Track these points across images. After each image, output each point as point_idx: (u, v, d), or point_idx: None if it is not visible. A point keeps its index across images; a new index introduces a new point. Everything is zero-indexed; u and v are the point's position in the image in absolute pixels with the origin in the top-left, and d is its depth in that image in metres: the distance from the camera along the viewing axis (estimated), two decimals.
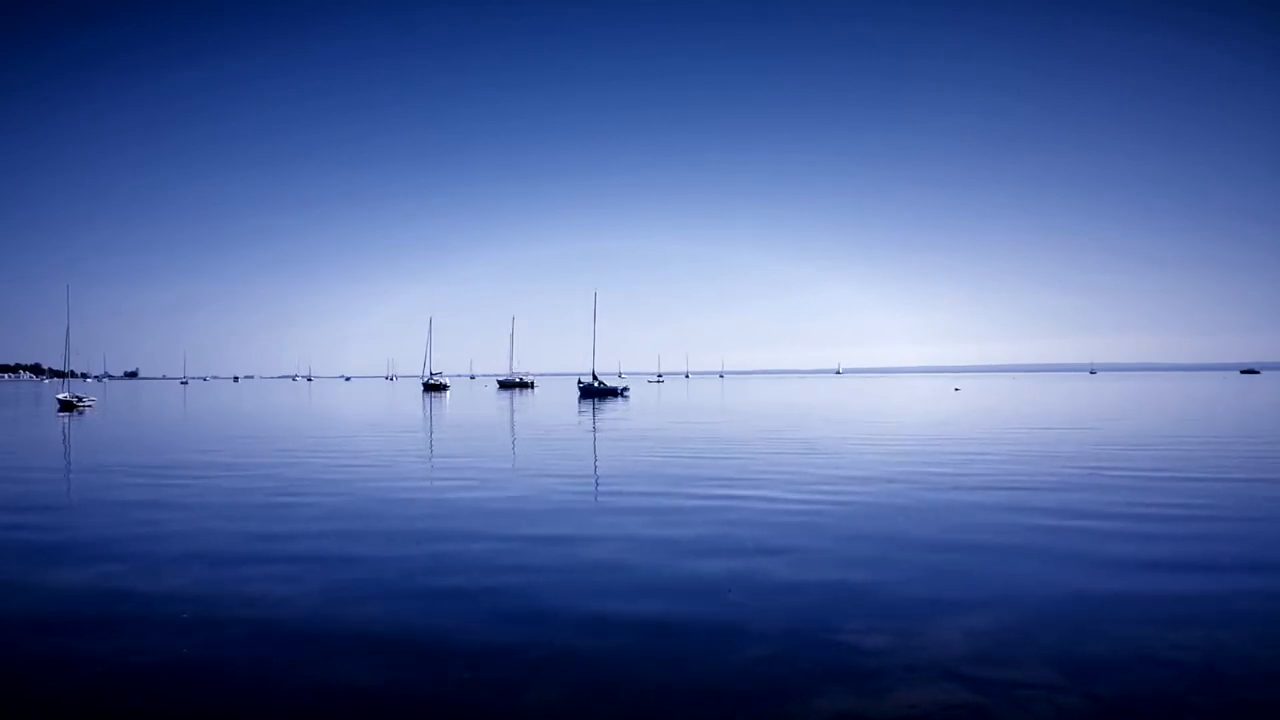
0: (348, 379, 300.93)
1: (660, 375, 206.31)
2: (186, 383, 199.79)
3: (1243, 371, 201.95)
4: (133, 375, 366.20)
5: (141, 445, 23.76)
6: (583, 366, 76.47)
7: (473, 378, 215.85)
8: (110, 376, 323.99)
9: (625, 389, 68.06)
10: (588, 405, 48.56)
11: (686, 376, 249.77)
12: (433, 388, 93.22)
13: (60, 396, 51.51)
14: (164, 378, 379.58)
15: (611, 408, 45.11)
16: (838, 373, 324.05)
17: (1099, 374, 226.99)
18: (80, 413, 43.98)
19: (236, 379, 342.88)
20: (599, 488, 13.93)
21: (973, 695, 4.83)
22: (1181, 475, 14.58)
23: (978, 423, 29.81)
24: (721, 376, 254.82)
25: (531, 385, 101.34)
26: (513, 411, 42.57)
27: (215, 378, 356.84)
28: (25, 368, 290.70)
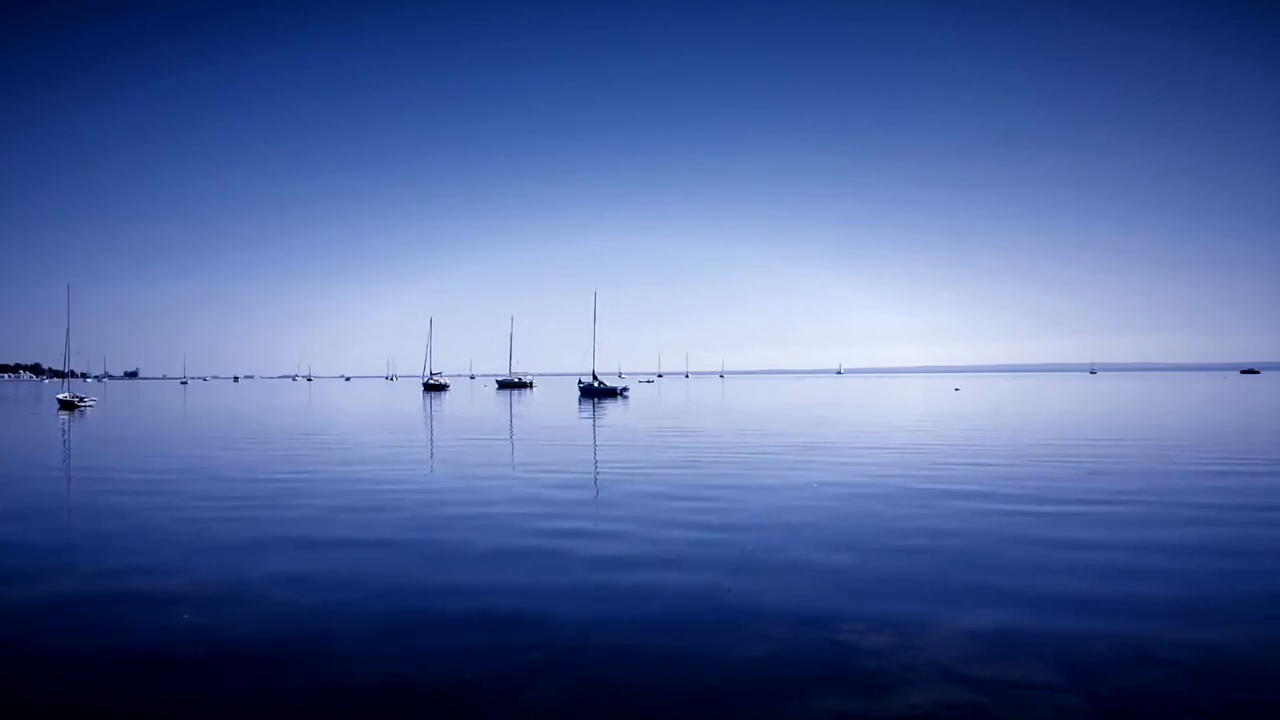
0: (348, 379, 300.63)
1: (658, 375, 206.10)
2: (186, 383, 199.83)
3: (1243, 371, 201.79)
4: (133, 375, 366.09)
5: (142, 445, 23.78)
6: (582, 367, 76.42)
7: (473, 378, 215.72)
8: (110, 376, 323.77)
9: (625, 389, 68.06)
10: (588, 405, 48.59)
11: (686, 376, 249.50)
12: (433, 388, 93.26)
13: (60, 396, 51.56)
14: (164, 378, 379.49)
15: (611, 408, 45.13)
16: (838, 373, 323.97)
17: (1099, 374, 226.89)
18: (81, 413, 43.98)
19: (236, 379, 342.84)
20: (599, 486, 13.94)
21: (973, 695, 4.84)
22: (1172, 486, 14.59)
23: (977, 422, 29.81)
24: (722, 376, 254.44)
25: (530, 385, 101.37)
26: (513, 413, 42.57)
27: (215, 378, 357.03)
28: (25, 368, 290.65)
